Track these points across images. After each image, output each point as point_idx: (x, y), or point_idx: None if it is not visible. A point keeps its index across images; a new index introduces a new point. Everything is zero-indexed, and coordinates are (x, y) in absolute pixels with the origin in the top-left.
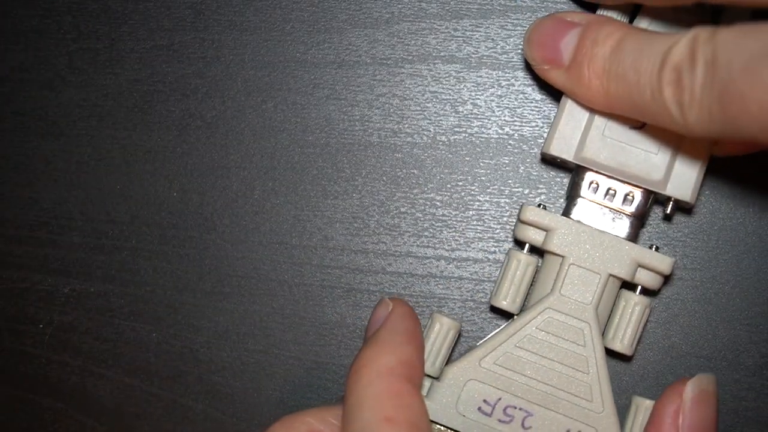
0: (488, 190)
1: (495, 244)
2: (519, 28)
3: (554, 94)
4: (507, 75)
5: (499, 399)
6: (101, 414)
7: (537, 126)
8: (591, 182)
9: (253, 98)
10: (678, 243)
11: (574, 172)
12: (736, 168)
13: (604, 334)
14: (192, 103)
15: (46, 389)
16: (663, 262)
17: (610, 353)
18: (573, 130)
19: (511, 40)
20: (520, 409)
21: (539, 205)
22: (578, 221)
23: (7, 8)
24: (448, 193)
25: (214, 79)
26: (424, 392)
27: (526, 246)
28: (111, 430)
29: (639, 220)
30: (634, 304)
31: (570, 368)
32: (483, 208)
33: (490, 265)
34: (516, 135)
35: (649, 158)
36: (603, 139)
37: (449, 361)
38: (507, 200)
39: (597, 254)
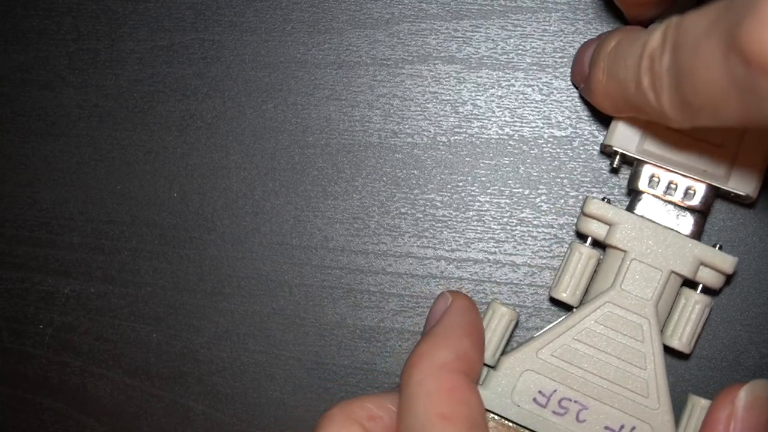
0: (488, 191)
1: (495, 245)
2: (519, 28)
3: (554, 95)
4: (507, 76)
5: (555, 391)
6: (101, 414)
7: (537, 126)
8: (652, 176)
9: (254, 99)
10: None
11: (635, 165)
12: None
13: (662, 331)
14: (192, 103)
15: (46, 389)
16: (725, 261)
17: (668, 351)
18: (635, 122)
19: (512, 40)
20: (576, 401)
21: (603, 199)
22: (642, 216)
23: (8, 8)
24: (449, 194)
25: (215, 79)
26: (480, 381)
27: (588, 239)
28: (111, 431)
29: (701, 215)
30: (694, 303)
31: (627, 363)
32: (483, 208)
33: (490, 266)
34: (516, 135)
35: (712, 152)
36: (665, 133)
37: (505, 351)
38: (507, 201)
39: (659, 250)
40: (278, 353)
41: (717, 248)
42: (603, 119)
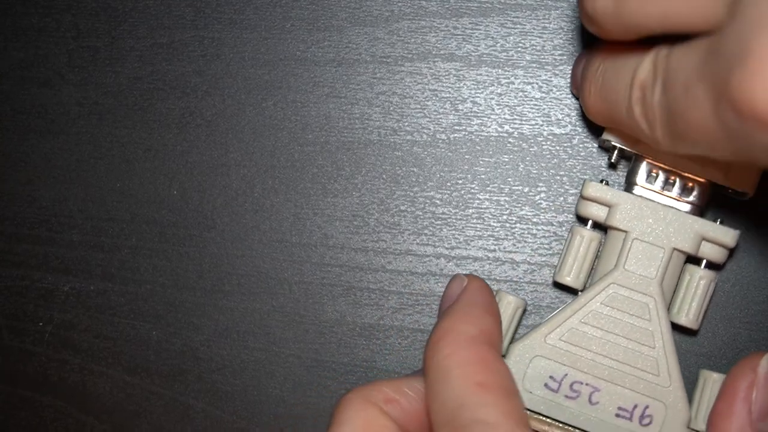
0: (488, 189)
1: (495, 243)
2: (518, 26)
3: (553, 92)
4: (506, 73)
5: (566, 375)
6: (101, 412)
7: (536, 124)
8: (650, 171)
9: (253, 96)
10: None
11: (633, 160)
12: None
13: (669, 308)
14: (192, 101)
15: (46, 387)
16: (727, 235)
17: (675, 328)
18: None
19: (511, 38)
20: (587, 384)
21: (601, 181)
22: (641, 196)
23: (7, 6)
24: (448, 192)
25: (214, 77)
26: None
27: (589, 222)
28: (111, 428)
29: (698, 209)
30: (699, 278)
31: (636, 343)
32: (483, 206)
33: (489, 263)
34: (516, 133)
35: None
36: None
37: (513, 339)
38: (507, 198)
39: (660, 228)
40: (278, 351)
41: (718, 223)
42: None
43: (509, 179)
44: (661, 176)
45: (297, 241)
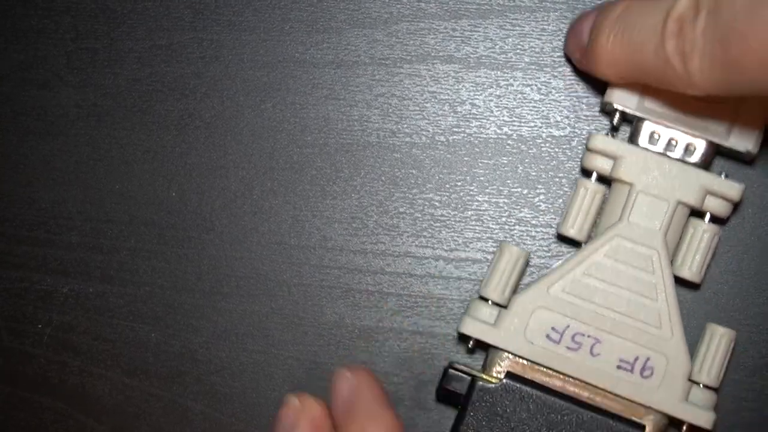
0: (487, 191)
1: (494, 245)
2: (517, 28)
3: (552, 94)
4: (506, 75)
5: (568, 326)
6: (100, 414)
7: (536, 126)
8: (652, 133)
9: (252, 98)
10: None
11: (634, 122)
12: (733, 169)
13: (672, 261)
14: (191, 102)
15: (45, 389)
16: (732, 189)
17: (678, 281)
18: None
19: (510, 40)
20: (589, 336)
21: (607, 133)
22: (646, 149)
23: (6, 8)
24: (447, 194)
25: (213, 78)
26: (492, 321)
27: (594, 175)
28: (110, 430)
29: (703, 167)
30: (703, 232)
31: (638, 295)
32: (482, 208)
33: (488, 265)
34: (515, 135)
35: (712, 108)
36: (666, 90)
37: (516, 291)
38: (506, 200)
39: (665, 181)
40: (277, 353)
41: (723, 176)
42: (602, 118)
43: (508, 181)
44: (664, 137)
45: (296, 243)
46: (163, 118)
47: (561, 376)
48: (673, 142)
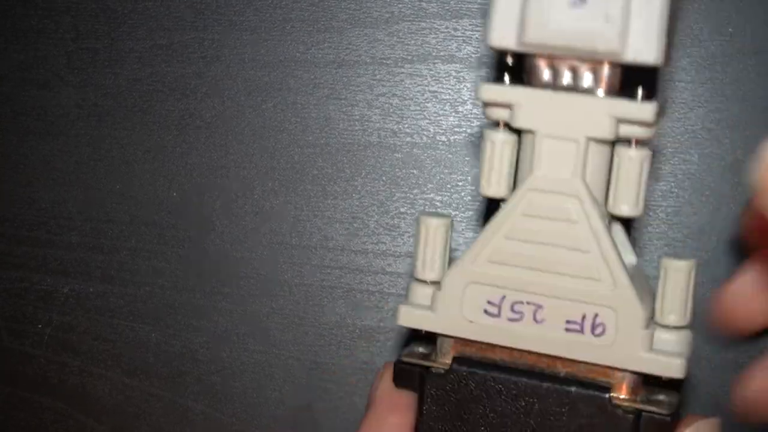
0: None
1: None
2: None
3: None
4: None
5: (503, 297)
6: (101, 414)
7: None
8: (541, 68)
9: (253, 98)
10: (678, 243)
11: (527, 61)
12: (734, 170)
13: (606, 202)
14: (191, 102)
15: (45, 389)
16: (643, 111)
17: (622, 221)
18: (510, 14)
19: None
20: (528, 303)
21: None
22: (542, 88)
23: (7, 8)
24: (448, 194)
25: (214, 78)
26: (427, 302)
27: (501, 125)
28: (110, 430)
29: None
30: (628, 159)
31: (569, 250)
32: (483, 208)
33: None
34: None
35: (601, 27)
36: (545, 19)
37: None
38: None
39: (569, 119)
40: (277, 353)
41: (638, 99)
42: None
43: None
44: (558, 71)
45: (297, 243)
46: (164, 118)
47: (511, 351)
48: (568, 74)
